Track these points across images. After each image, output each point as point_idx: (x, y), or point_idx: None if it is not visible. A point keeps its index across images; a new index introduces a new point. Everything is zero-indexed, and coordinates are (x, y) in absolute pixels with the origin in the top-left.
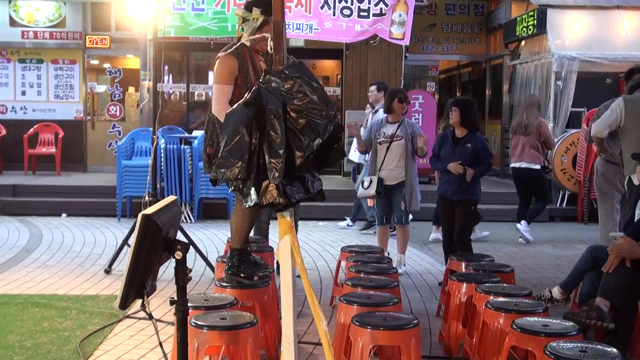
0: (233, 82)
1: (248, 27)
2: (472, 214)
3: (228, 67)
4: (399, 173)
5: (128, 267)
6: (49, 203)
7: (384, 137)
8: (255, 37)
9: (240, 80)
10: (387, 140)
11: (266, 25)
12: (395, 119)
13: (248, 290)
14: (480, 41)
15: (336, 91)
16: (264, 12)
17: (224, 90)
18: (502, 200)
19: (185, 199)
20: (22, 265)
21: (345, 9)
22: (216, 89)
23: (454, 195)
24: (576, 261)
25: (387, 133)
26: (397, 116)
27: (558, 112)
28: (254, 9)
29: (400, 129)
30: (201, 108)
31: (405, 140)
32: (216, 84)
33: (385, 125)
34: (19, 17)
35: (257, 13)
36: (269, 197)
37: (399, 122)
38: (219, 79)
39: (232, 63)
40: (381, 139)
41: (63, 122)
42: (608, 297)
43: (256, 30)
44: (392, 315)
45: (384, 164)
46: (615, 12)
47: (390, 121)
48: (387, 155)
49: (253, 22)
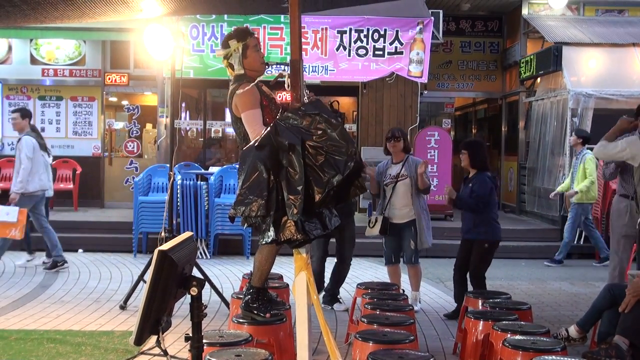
0: (259, 106)
1: (234, 59)
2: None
3: (251, 94)
4: (407, 212)
5: (144, 303)
6: (66, 238)
7: (389, 179)
8: (272, 72)
9: (265, 101)
10: (393, 181)
11: (247, 49)
12: (397, 158)
13: (264, 327)
14: (495, 78)
15: (352, 128)
16: (239, 39)
17: (255, 114)
18: (519, 237)
19: (201, 234)
20: (38, 301)
21: (360, 49)
22: (247, 115)
23: (466, 234)
24: (594, 299)
25: (392, 174)
26: (398, 155)
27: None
28: (230, 42)
29: (404, 167)
30: (218, 144)
31: (410, 179)
32: (246, 110)
33: (391, 167)
34: (39, 55)
35: (234, 43)
36: (287, 234)
37: (403, 160)
38: (248, 105)
39: (252, 89)
40: (387, 180)
41: (81, 159)
42: (627, 335)
43: (243, 58)
44: (409, 353)
45: (390, 204)
46: (631, 50)
47: (395, 161)
48: (393, 195)
49: (236, 53)
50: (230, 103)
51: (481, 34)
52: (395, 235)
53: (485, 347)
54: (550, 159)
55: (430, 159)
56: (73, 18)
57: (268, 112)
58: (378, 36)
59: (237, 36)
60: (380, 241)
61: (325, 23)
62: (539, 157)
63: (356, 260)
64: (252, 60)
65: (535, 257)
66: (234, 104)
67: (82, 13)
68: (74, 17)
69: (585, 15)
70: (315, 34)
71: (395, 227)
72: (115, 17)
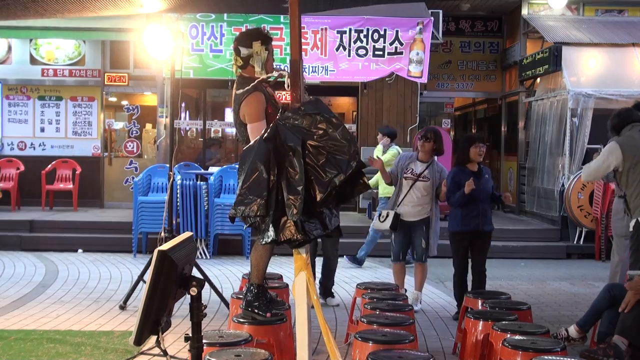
0: (264, 116)
1: (256, 61)
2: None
3: (259, 103)
4: (420, 210)
5: (143, 303)
6: (66, 239)
7: (410, 174)
8: (273, 74)
9: (270, 109)
10: (413, 178)
11: (269, 54)
12: (424, 158)
13: (264, 327)
14: (495, 78)
15: (352, 128)
16: (264, 42)
17: (261, 127)
18: (519, 237)
19: (200, 235)
20: (37, 301)
21: (360, 49)
22: (253, 127)
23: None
24: (594, 299)
25: (415, 170)
26: (426, 155)
27: (574, 149)
28: (254, 43)
29: (429, 169)
30: (217, 144)
31: (432, 183)
32: (252, 122)
33: (415, 162)
34: (39, 55)
35: (258, 45)
36: (287, 234)
37: (429, 162)
38: (254, 117)
39: (260, 98)
40: (407, 175)
41: (81, 159)
42: (626, 335)
43: (265, 61)
44: (408, 354)
45: (404, 200)
46: (631, 50)
47: (420, 159)
48: (410, 192)
49: (258, 56)
50: (237, 108)
51: (481, 34)
52: (405, 232)
53: (485, 347)
54: (550, 159)
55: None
56: (73, 12)
57: (272, 119)
58: (378, 36)
59: (262, 39)
60: (381, 241)
61: (325, 23)
62: (539, 157)
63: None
64: (269, 65)
65: (535, 257)
66: (241, 112)
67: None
68: (74, 10)
69: (585, 15)
70: (315, 35)
71: (406, 225)
72: (115, 11)
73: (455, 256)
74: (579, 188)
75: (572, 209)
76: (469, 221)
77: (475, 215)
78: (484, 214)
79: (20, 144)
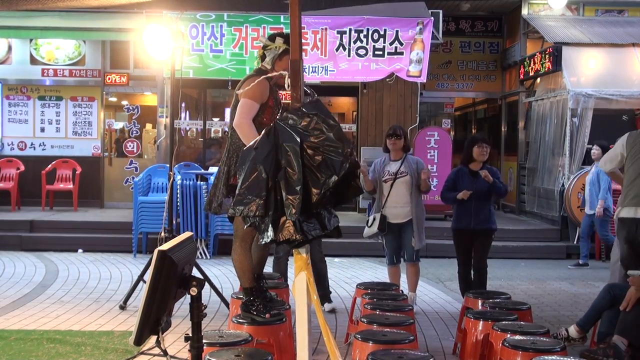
0: (260, 104)
1: (270, 54)
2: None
3: (263, 87)
4: (407, 211)
5: (143, 303)
6: (66, 239)
7: (388, 175)
8: (273, 74)
9: (271, 102)
10: (392, 178)
11: (286, 55)
12: (396, 156)
13: (263, 327)
14: (495, 78)
15: (352, 128)
16: (286, 42)
17: (253, 106)
18: (519, 237)
19: (200, 235)
20: (37, 301)
21: (360, 49)
22: (245, 102)
23: (493, 225)
24: (594, 299)
25: (390, 171)
26: (397, 153)
27: (574, 149)
28: (277, 38)
29: (403, 165)
30: (217, 144)
31: (411, 177)
32: (246, 98)
33: (389, 164)
34: (39, 55)
35: (280, 42)
36: (285, 234)
37: (402, 159)
38: (251, 94)
39: (266, 85)
40: (386, 177)
41: (81, 159)
42: (626, 335)
43: (277, 58)
44: (408, 354)
45: (388, 201)
46: (631, 50)
47: (393, 159)
48: (392, 192)
49: (275, 50)
50: (240, 86)
51: (481, 34)
52: (394, 234)
53: (485, 347)
54: (550, 159)
55: (430, 159)
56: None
57: (269, 112)
58: (378, 36)
59: (286, 40)
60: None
61: (325, 23)
62: (539, 157)
63: (356, 260)
64: (283, 66)
65: (535, 257)
66: (242, 89)
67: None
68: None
69: (585, 16)
70: (315, 35)
71: (395, 227)
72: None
73: (457, 253)
74: (579, 188)
75: (572, 209)
76: (462, 219)
77: (467, 214)
78: (477, 212)
79: (20, 144)
